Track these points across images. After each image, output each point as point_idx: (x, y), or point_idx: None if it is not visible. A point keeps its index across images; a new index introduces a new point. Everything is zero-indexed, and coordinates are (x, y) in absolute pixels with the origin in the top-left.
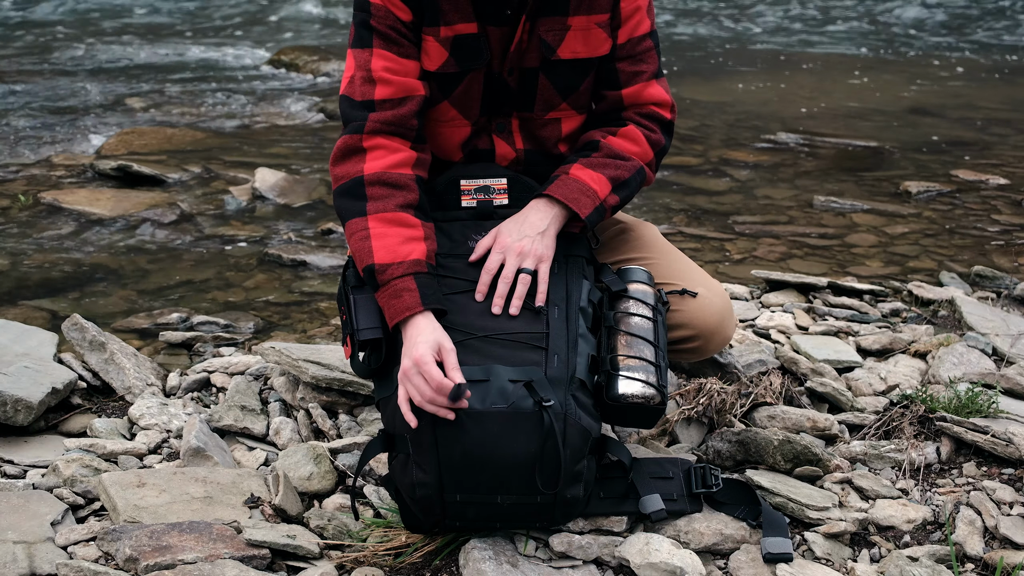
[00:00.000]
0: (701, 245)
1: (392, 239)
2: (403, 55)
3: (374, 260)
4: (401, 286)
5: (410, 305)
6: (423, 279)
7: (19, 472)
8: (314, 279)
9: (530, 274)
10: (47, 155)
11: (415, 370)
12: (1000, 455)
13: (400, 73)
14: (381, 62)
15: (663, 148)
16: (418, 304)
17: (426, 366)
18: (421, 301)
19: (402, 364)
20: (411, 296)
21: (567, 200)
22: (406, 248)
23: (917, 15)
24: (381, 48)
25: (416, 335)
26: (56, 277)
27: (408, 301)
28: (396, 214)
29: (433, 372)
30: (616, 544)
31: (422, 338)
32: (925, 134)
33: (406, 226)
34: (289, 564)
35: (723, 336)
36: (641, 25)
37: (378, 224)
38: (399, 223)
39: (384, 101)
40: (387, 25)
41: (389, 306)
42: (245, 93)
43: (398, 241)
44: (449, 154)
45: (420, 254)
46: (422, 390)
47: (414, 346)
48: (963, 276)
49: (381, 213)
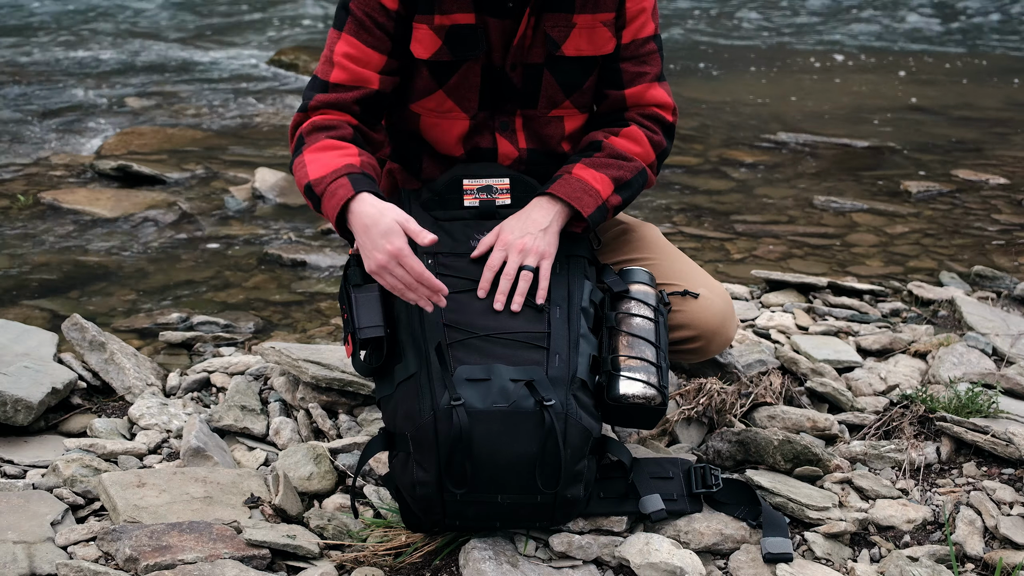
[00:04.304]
0: (701, 245)
1: (324, 159)
2: (369, 44)
3: (309, 177)
4: (335, 186)
5: (343, 196)
6: (355, 176)
7: (19, 472)
8: (314, 279)
9: (532, 271)
10: (47, 155)
11: (395, 262)
12: (1000, 455)
13: (358, 62)
14: (344, 47)
15: (664, 150)
16: (351, 191)
17: (406, 259)
18: (353, 187)
19: (373, 259)
20: (344, 188)
21: (570, 199)
22: (338, 161)
23: (917, 15)
24: (350, 34)
25: (371, 222)
26: (56, 277)
27: (341, 194)
28: (328, 141)
29: (415, 265)
30: (616, 544)
31: (383, 224)
32: (925, 134)
33: (337, 149)
34: (289, 564)
35: (725, 337)
36: (646, 27)
37: (312, 152)
38: (331, 148)
39: (336, 85)
40: (365, 11)
41: (328, 207)
42: (245, 93)
43: (330, 159)
44: (449, 149)
45: (353, 162)
46: (406, 281)
47: (381, 237)
48: (963, 276)
49: (314, 145)
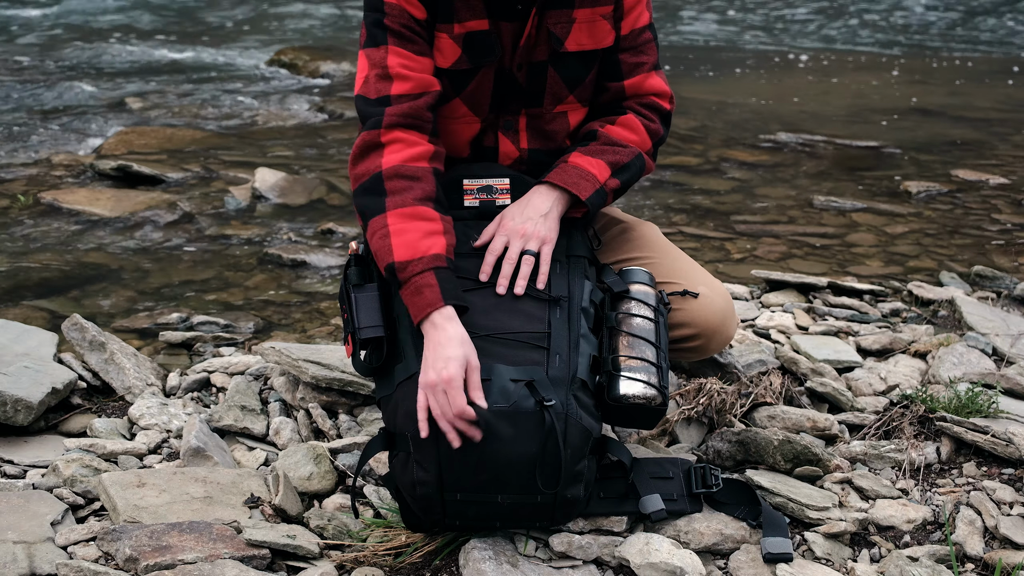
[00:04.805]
0: (701, 245)
1: (411, 235)
2: (418, 52)
3: (394, 258)
4: (422, 282)
5: (431, 301)
6: (443, 274)
7: (19, 472)
8: (314, 279)
9: (534, 256)
10: (47, 155)
11: (441, 388)
12: (1000, 455)
13: (417, 70)
14: (397, 59)
15: (661, 138)
16: (439, 300)
17: (454, 391)
18: (442, 296)
19: (426, 375)
20: (432, 292)
21: (567, 185)
22: (425, 243)
23: (918, 15)
24: (396, 46)
25: (444, 347)
26: (56, 277)
27: (429, 297)
28: (415, 208)
29: (459, 399)
30: (616, 544)
31: (452, 352)
32: (925, 134)
33: (425, 220)
34: (289, 564)
35: (725, 335)
36: (641, 17)
37: (397, 220)
38: (417, 217)
39: (401, 96)
40: (401, 24)
41: (411, 304)
42: (245, 93)
43: (417, 237)
44: (458, 151)
45: (440, 248)
46: (444, 409)
47: (443, 360)
48: (963, 276)
49: (399, 208)
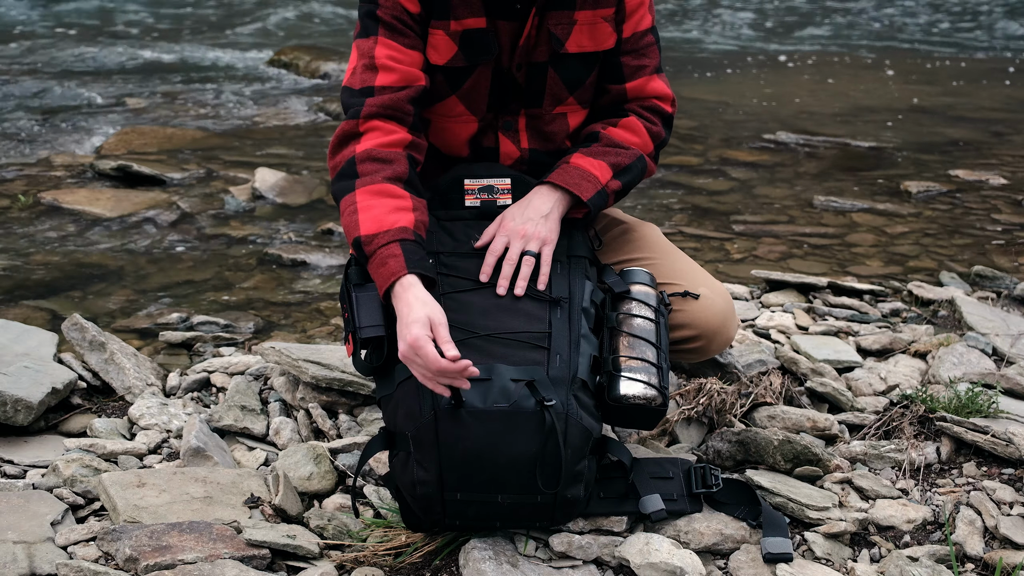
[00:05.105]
0: (701, 245)
1: (378, 210)
2: (408, 46)
3: (360, 232)
4: (386, 253)
5: (394, 271)
6: (408, 246)
7: (19, 472)
8: (314, 279)
9: (534, 256)
10: (47, 155)
11: (413, 353)
12: (1000, 455)
13: (403, 62)
14: (385, 50)
15: (663, 140)
16: (402, 268)
17: (421, 349)
18: (405, 265)
19: (400, 347)
20: (396, 262)
21: (568, 185)
22: (392, 218)
23: (918, 15)
24: (385, 37)
25: (406, 312)
26: (56, 277)
27: (392, 267)
28: (383, 185)
29: (430, 355)
30: (616, 544)
31: (412, 316)
32: (925, 134)
33: (392, 196)
34: (289, 564)
35: (725, 336)
36: (644, 20)
37: (365, 197)
38: (386, 194)
39: (384, 88)
40: (393, 15)
41: (377, 276)
42: (245, 93)
43: (384, 212)
44: (457, 150)
45: (407, 223)
46: (422, 372)
47: (406, 327)
48: (963, 276)
49: (368, 186)
